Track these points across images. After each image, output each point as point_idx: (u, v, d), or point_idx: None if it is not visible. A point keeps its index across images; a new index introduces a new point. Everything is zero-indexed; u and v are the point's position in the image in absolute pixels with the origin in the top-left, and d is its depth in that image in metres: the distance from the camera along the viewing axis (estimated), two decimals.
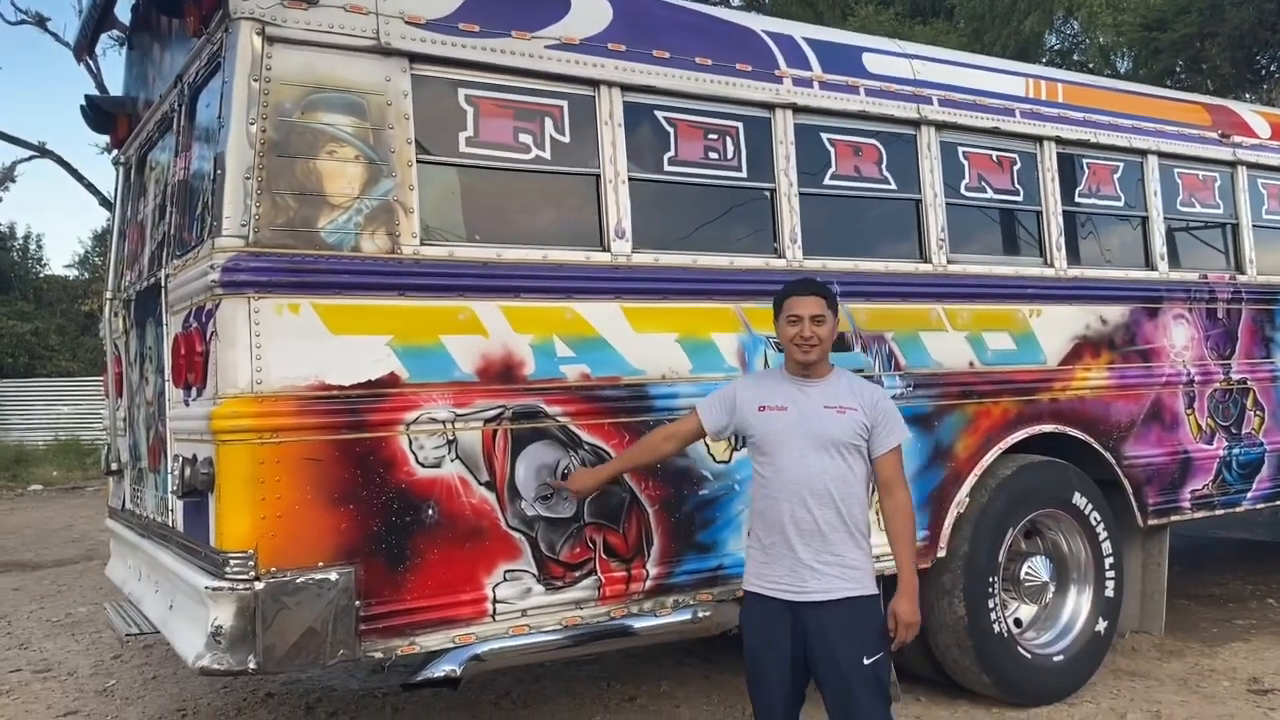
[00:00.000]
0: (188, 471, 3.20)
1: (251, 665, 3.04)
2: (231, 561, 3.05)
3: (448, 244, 3.42)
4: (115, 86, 6.69)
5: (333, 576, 3.13)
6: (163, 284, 3.73)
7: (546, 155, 3.61)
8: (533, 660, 3.68)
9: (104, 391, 5.03)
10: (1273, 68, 16.84)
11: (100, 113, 4.99)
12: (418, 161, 3.35)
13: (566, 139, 3.65)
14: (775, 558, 3.11)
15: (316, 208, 3.19)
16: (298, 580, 3.09)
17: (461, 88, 3.48)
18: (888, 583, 4.30)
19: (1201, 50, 15.45)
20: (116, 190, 4.96)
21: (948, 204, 4.51)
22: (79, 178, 19.67)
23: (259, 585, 3.04)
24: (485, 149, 3.51)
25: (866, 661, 3.03)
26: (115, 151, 5.03)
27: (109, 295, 4.81)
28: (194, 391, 3.34)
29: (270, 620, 3.05)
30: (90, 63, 17.87)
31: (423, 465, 3.28)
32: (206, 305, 3.19)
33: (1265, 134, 5.78)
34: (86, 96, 5.01)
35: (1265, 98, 15.51)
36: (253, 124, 3.12)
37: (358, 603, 3.16)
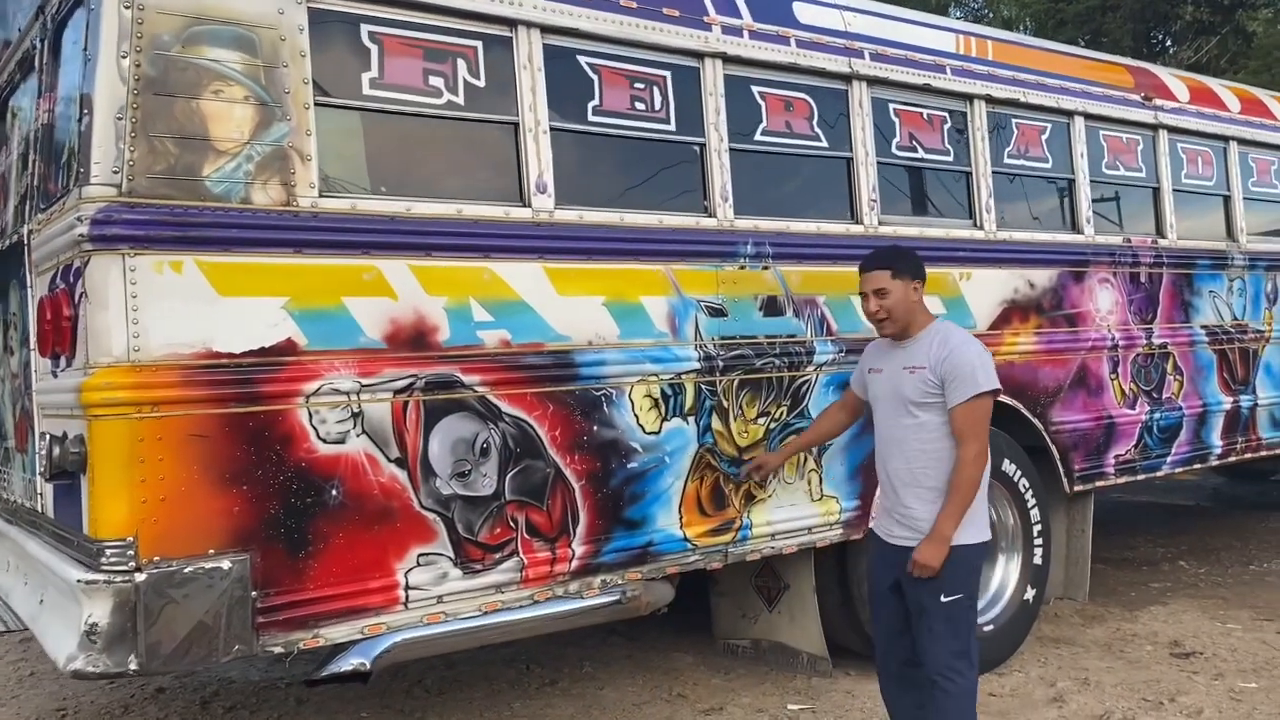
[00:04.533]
0: (56, 451, 2.84)
1: (132, 666, 2.72)
2: (107, 551, 2.71)
3: (350, 196, 3.11)
4: None
5: (225, 565, 2.82)
6: (25, 242, 3.33)
7: (460, 101, 3.31)
8: (450, 649, 3.43)
9: None
10: (1169, 42, 17.30)
11: None
12: (316, 104, 3.02)
13: (482, 83, 3.35)
14: (878, 503, 3.51)
15: (200, 153, 2.85)
16: (185, 570, 2.77)
17: (364, 23, 3.15)
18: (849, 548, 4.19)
19: (1104, 23, 15.76)
20: None
21: (879, 163, 4.35)
22: None
23: (140, 577, 2.71)
24: (392, 92, 3.19)
25: (944, 600, 3.15)
26: None
27: None
28: (62, 361, 2.97)
29: (154, 615, 2.73)
30: None
31: (325, 441, 2.98)
32: (74, 263, 2.83)
33: (1184, 97, 5.77)
34: None
35: None
36: (124, 57, 2.75)
37: (254, 593, 2.86)
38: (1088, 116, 5.18)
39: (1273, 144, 6.28)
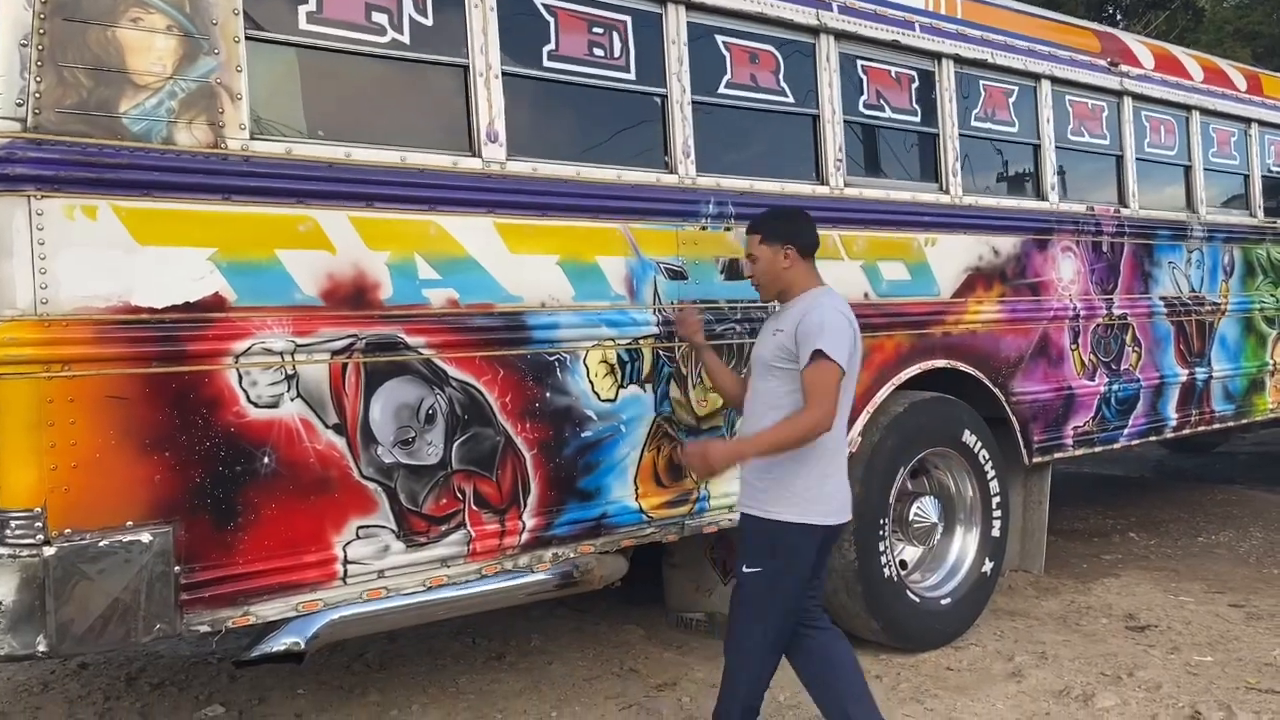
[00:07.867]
0: None
1: (41, 648, 2.49)
2: (12, 522, 2.47)
3: (285, 139, 2.86)
4: None
5: (145, 538, 2.59)
6: None
7: (405, 40, 3.07)
8: (393, 626, 3.24)
9: None
10: (1119, 16, 17.38)
11: None
12: (247, 38, 2.77)
13: (429, 21, 3.11)
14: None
15: (117, 87, 2.58)
16: (100, 543, 2.54)
17: None
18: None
19: None
20: None
21: (845, 121, 4.18)
22: None
23: (49, 550, 2.48)
24: (331, 28, 2.94)
25: (745, 570, 3.08)
26: None
27: None
28: None
29: (65, 593, 2.50)
30: None
31: (256, 404, 2.75)
32: None
33: (1150, 64, 5.68)
34: None
35: None
36: None
37: (177, 568, 2.64)
38: (1054, 80, 5.06)
39: (1233, 115, 6.24)
